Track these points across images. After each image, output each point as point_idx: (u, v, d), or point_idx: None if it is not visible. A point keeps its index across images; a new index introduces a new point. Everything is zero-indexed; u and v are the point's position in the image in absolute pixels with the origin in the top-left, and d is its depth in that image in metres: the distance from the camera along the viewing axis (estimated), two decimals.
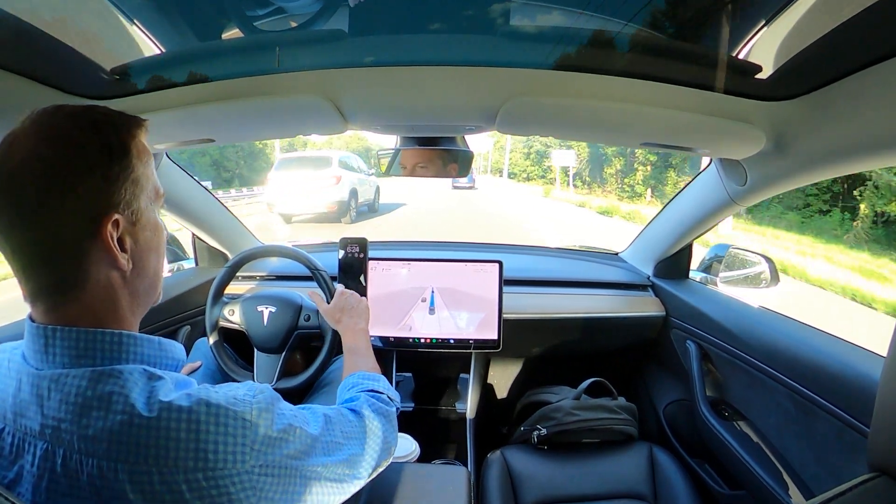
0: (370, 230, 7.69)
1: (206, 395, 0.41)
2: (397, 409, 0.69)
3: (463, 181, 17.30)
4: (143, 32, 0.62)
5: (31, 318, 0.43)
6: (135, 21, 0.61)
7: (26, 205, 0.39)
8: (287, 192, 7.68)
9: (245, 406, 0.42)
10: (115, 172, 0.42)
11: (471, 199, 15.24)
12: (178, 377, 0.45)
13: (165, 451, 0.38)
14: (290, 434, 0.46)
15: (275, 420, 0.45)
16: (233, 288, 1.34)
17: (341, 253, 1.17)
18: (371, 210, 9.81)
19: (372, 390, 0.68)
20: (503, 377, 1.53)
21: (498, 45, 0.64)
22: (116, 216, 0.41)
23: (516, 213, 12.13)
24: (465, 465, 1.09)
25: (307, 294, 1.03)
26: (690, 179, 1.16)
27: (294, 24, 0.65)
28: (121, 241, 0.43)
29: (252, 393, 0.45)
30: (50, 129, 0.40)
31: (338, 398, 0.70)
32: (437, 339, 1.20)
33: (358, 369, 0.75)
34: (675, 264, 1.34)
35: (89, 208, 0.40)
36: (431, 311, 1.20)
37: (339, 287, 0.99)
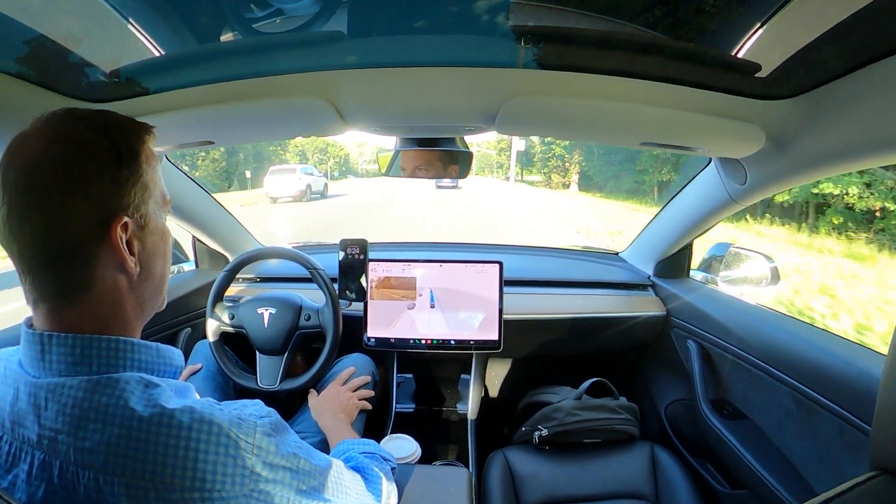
0: (319, 205, 14.41)
1: (209, 413, 0.40)
2: (394, 468, 0.70)
3: (447, 181, 18.79)
4: (142, 35, 0.62)
5: (27, 325, 0.42)
6: (134, 23, 0.61)
7: (36, 206, 0.38)
8: (275, 186, 15.56)
9: (249, 428, 0.42)
10: (125, 176, 0.42)
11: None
12: (176, 384, 0.44)
13: (162, 468, 0.37)
14: (292, 463, 0.45)
15: (279, 446, 0.44)
16: (233, 289, 1.34)
17: (341, 254, 1.17)
18: (323, 196, 17.44)
19: (366, 452, 0.69)
20: (504, 378, 1.52)
21: (497, 46, 0.64)
22: (126, 219, 0.42)
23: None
24: (467, 466, 1.09)
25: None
26: (690, 178, 1.16)
27: (293, 26, 0.65)
28: (129, 245, 0.43)
29: (259, 414, 0.44)
30: (60, 131, 0.40)
31: None
32: (437, 339, 1.19)
33: (343, 439, 0.77)
34: (675, 264, 1.34)
35: (99, 210, 0.40)
36: (432, 311, 1.20)
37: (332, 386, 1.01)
